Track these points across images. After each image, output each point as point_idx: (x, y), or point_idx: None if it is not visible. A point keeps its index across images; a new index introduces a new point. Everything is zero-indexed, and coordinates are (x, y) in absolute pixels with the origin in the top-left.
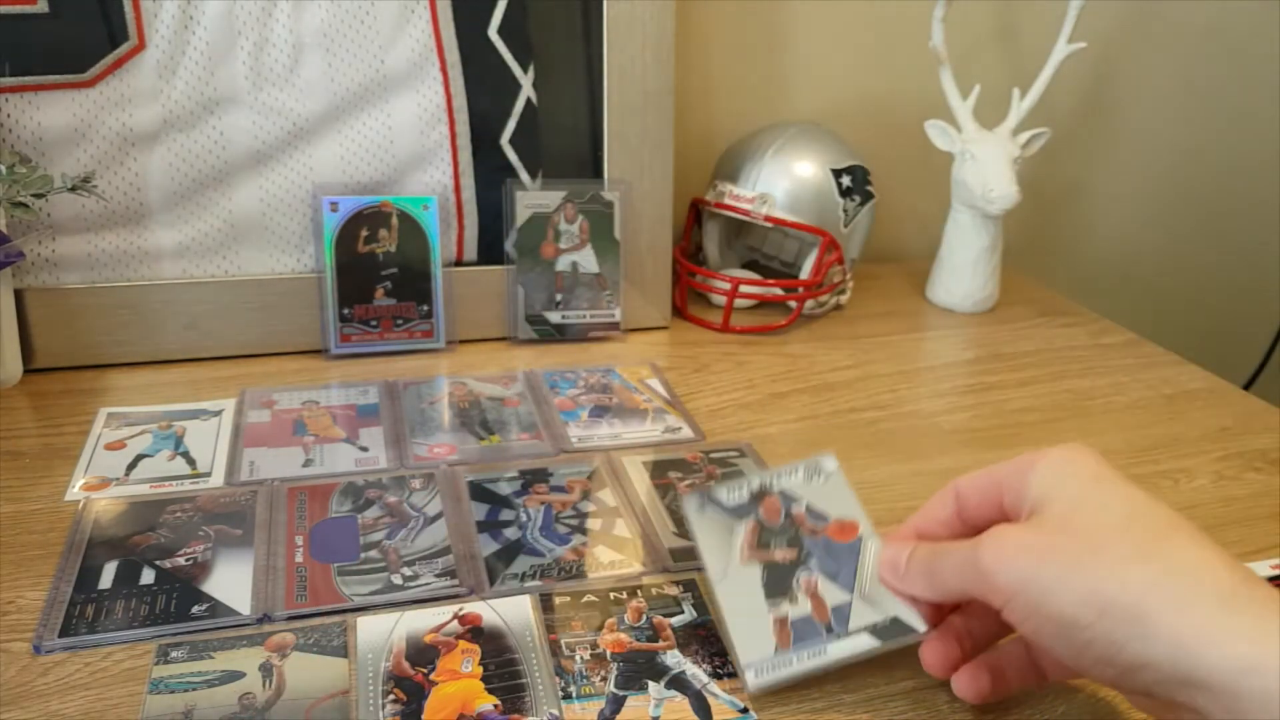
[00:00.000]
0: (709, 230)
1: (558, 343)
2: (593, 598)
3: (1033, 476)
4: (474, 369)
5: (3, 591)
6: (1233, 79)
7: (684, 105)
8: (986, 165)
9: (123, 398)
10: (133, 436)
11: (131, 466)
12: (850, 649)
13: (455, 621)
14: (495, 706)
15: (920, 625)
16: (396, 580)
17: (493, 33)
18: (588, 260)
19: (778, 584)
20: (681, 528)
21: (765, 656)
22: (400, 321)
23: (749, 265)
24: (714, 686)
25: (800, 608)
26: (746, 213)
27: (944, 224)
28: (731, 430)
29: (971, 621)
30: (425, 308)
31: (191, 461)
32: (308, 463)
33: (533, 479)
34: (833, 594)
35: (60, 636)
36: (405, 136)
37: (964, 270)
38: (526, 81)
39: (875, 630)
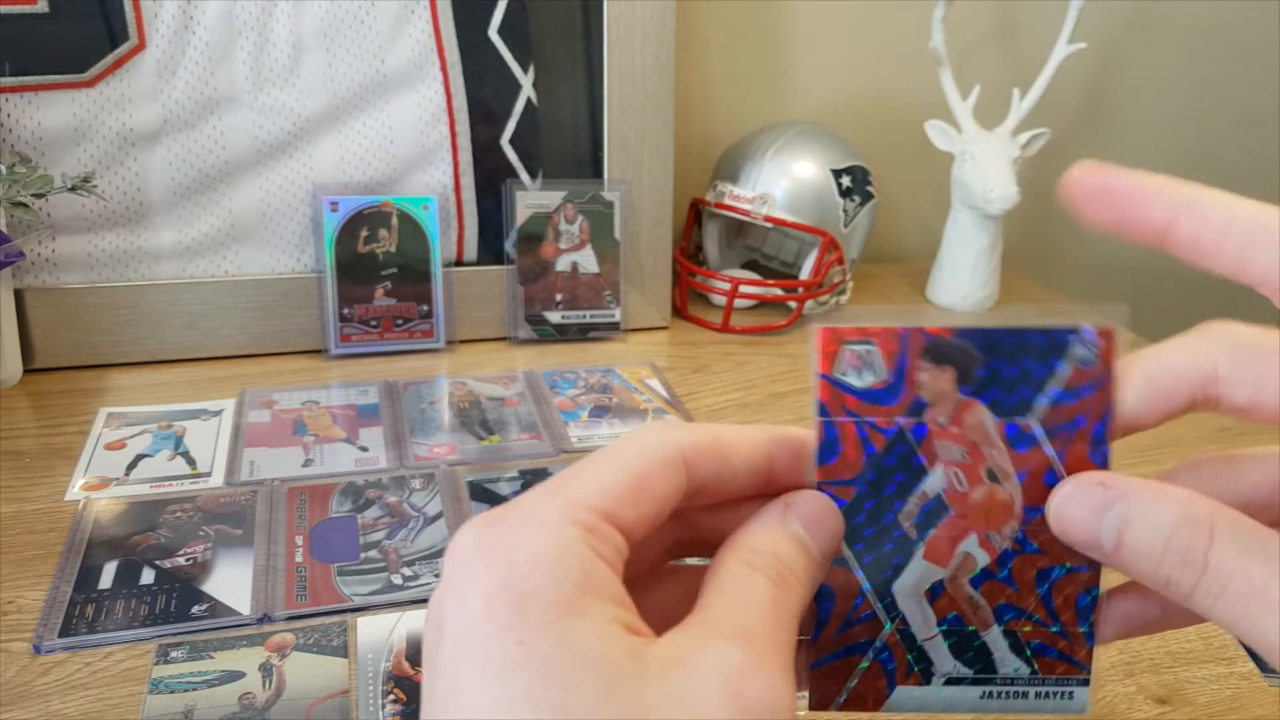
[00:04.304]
0: (709, 230)
1: (558, 343)
2: None
3: None
4: (474, 369)
5: (3, 591)
6: (1233, 79)
7: (684, 105)
8: (986, 165)
9: (123, 398)
10: (133, 436)
11: (131, 466)
12: None
13: None
14: None
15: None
16: (396, 580)
17: (493, 33)
18: (588, 260)
19: None
20: None
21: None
22: (400, 321)
23: (749, 265)
24: None
25: None
26: (746, 213)
27: (944, 224)
28: None
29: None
30: (425, 308)
31: (191, 461)
32: (308, 463)
33: (533, 479)
34: None
35: (60, 636)
36: (405, 136)
37: (964, 270)
38: (526, 81)
39: None
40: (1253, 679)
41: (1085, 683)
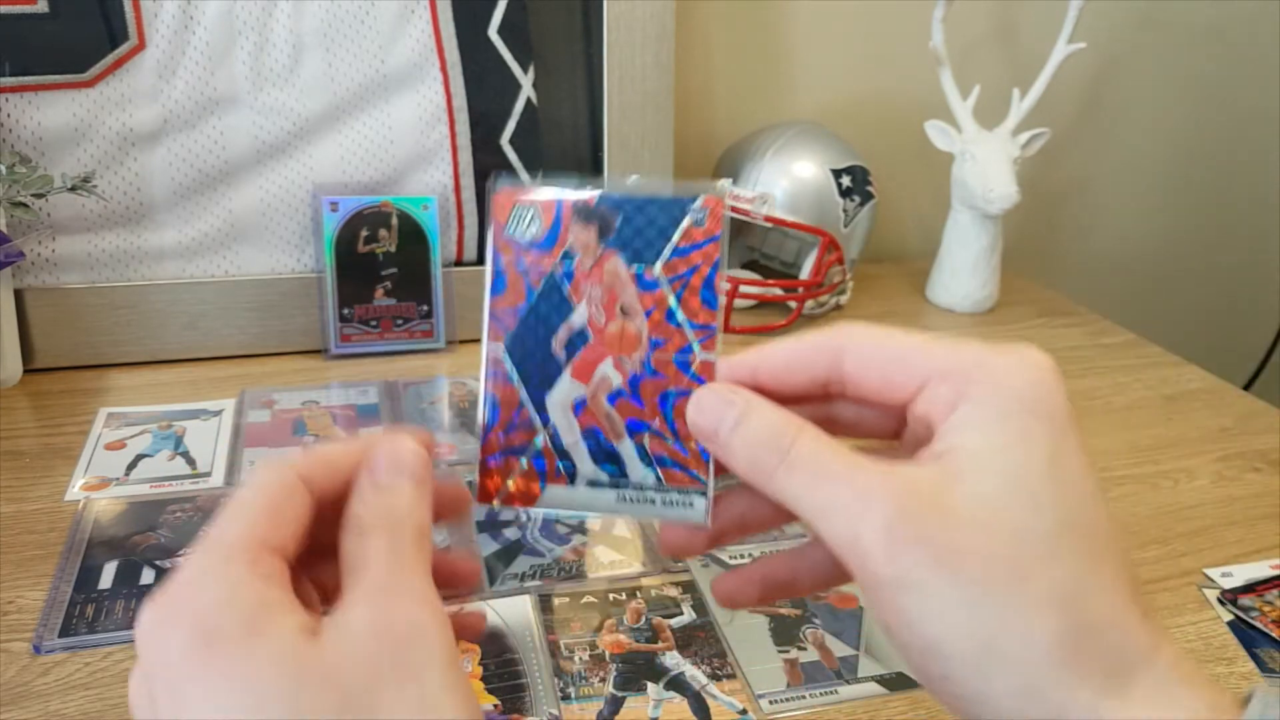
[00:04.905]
0: None
1: None
2: (592, 598)
3: (966, 413)
4: (474, 369)
5: (3, 591)
6: (1233, 79)
7: (684, 105)
8: (986, 165)
9: (123, 398)
10: (133, 436)
11: (131, 466)
12: (859, 693)
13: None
14: (495, 706)
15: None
16: None
17: (493, 33)
18: None
19: (785, 634)
20: None
21: (778, 689)
22: (400, 321)
23: (749, 265)
24: (713, 688)
25: (809, 654)
26: (746, 213)
27: (944, 224)
28: None
29: (754, 501)
30: (425, 308)
31: (191, 461)
32: None
33: None
34: (839, 647)
35: (60, 636)
36: (405, 136)
37: (964, 270)
38: (526, 81)
39: (883, 681)
40: (1252, 679)
41: (704, 494)
